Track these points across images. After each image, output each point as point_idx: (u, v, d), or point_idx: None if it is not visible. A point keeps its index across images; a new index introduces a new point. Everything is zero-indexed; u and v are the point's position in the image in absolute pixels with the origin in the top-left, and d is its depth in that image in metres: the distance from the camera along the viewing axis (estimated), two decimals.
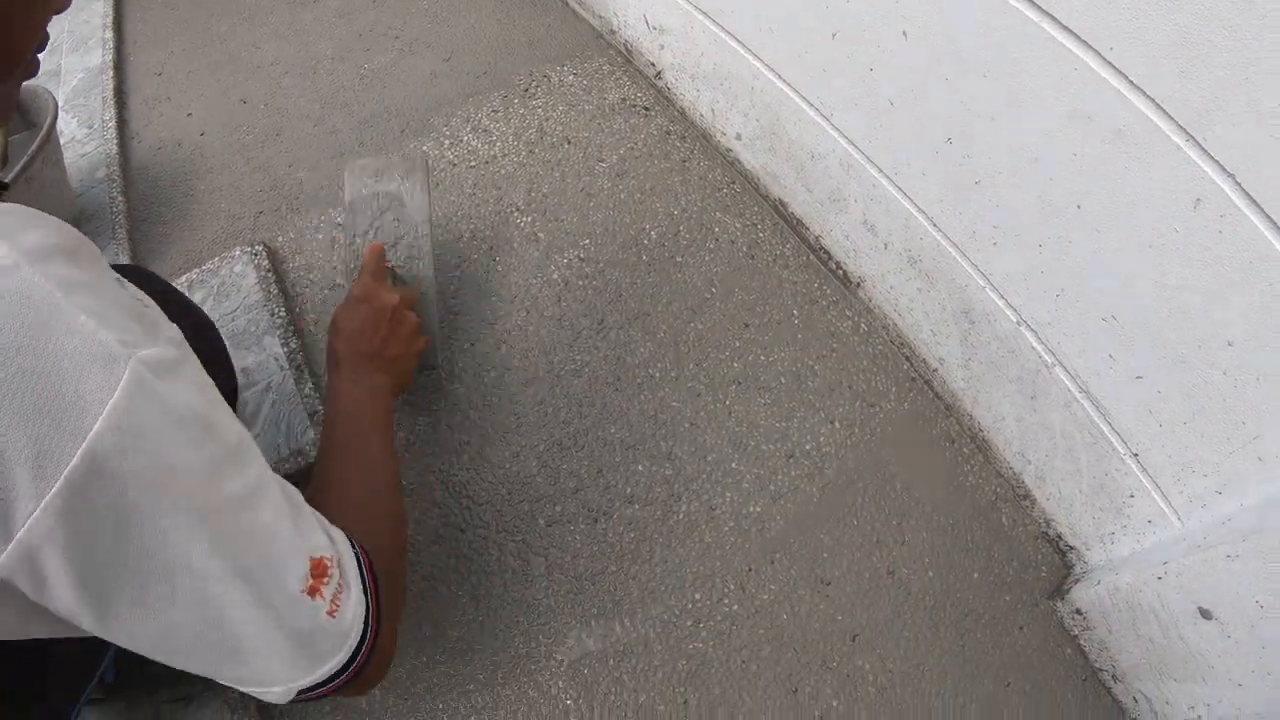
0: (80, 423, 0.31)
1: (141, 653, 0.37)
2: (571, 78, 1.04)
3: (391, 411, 0.67)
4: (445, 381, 0.83)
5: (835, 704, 0.76)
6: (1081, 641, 0.83)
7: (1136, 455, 0.72)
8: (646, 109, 0.98)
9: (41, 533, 0.31)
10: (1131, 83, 0.57)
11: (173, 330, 0.40)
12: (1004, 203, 0.71)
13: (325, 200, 0.94)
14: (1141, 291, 0.63)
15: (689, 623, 0.76)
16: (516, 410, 0.85)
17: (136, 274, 0.64)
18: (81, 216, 0.91)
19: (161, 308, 0.53)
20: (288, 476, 0.78)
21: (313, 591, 0.41)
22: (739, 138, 0.94)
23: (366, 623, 0.45)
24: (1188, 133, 0.55)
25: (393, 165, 0.83)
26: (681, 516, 0.80)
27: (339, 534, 0.46)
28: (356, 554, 0.46)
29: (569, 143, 0.95)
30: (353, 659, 0.44)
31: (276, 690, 0.42)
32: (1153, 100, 0.56)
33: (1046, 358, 0.75)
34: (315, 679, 0.42)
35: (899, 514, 0.82)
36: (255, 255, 0.88)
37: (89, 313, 0.33)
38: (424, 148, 0.96)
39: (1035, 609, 0.82)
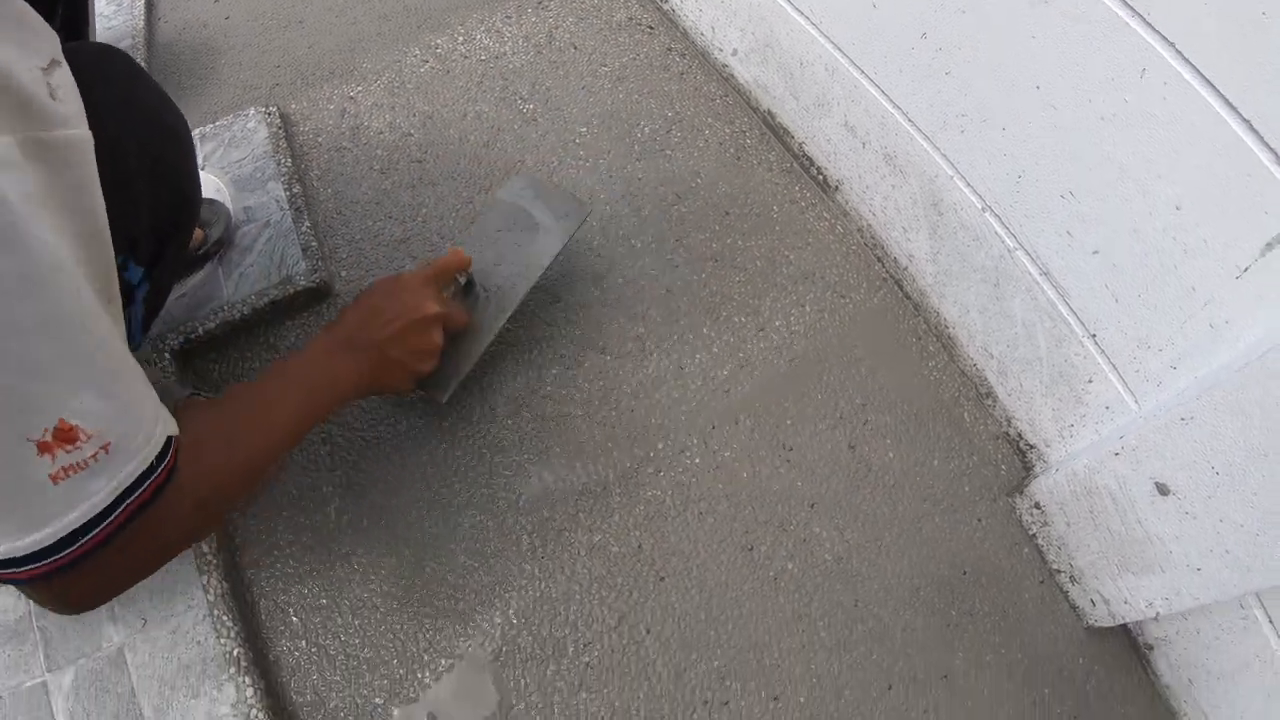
0: None
1: None
2: None
3: (340, 401, 0.63)
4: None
5: (790, 566, 0.76)
6: (1039, 540, 0.84)
7: (1094, 336, 0.75)
8: (651, 28, 1.05)
9: None
10: None
11: (65, 132, 0.38)
12: (971, 90, 0.76)
13: (339, 77, 0.99)
14: (1095, 164, 0.67)
15: (649, 470, 0.77)
16: None
17: (107, 55, 0.58)
18: None
19: (124, 97, 0.53)
20: (274, 303, 0.81)
21: (44, 449, 0.37)
22: (735, 53, 1.00)
23: (95, 525, 0.40)
24: (1133, 8, 0.60)
25: (556, 198, 0.79)
26: (651, 371, 0.82)
27: (150, 433, 0.42)
28: (154, 467, 0.42)
29: (575, 49, 1.02)
30: (58, 548, 0.39)
31: None
32: None
33: (1009, 242, 0.79)
34: (9, 550, 0.38)
35: (863, 395, 0.84)
36: (269, 115, 0.93)
37: None
38: (438, 41, 1.02)
39: (994, 504, 0.83)
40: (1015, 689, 0.77)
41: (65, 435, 0.37)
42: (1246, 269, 0.59)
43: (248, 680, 0.69)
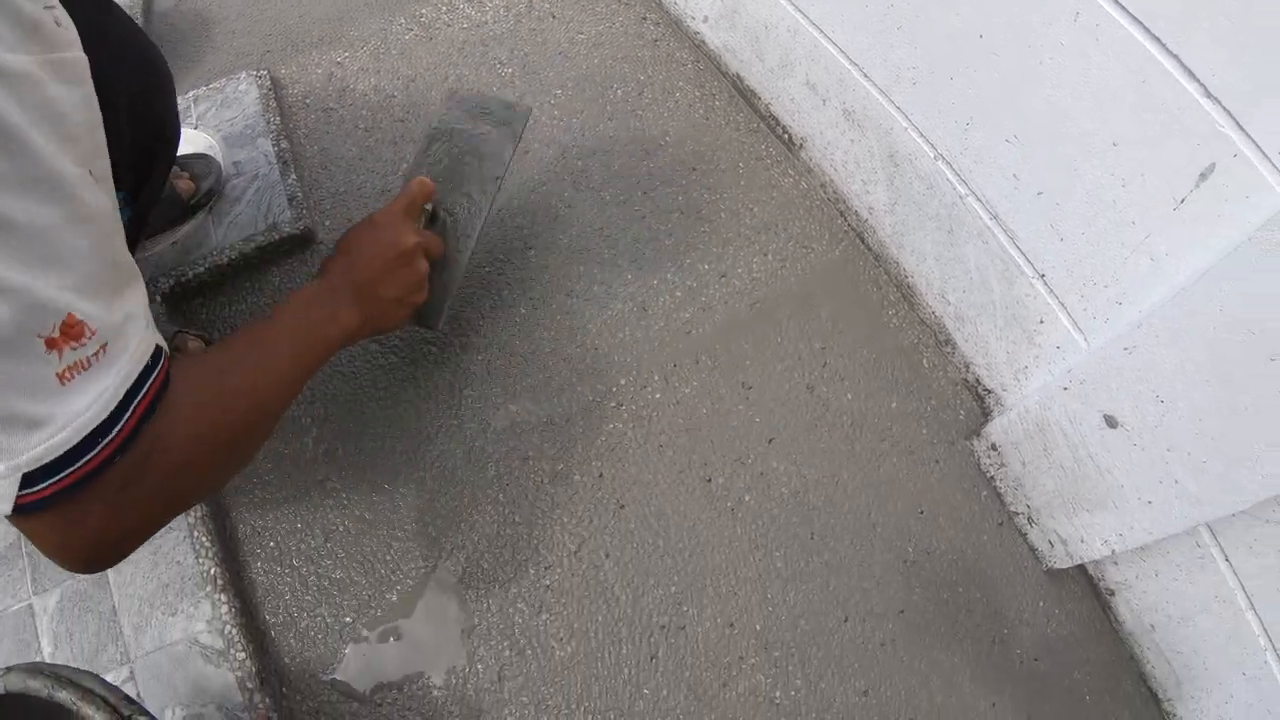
0: None
1: None
2: None
3: (334, 347, 0.62)
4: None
5: (748, 498, 0.79)
6: (997, 482, 0.86)
7: (1043, 276, 0.77)
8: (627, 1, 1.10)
9: None
10: None
11: (71, 54, 0.41)
12: (920, 43, 0.79)
13: (327, 44, 1.05)
14: (1036, 108, 0.70)
15: (612, 404, 0.80)
16: None
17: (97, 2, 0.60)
18: None
19: (110, 37, 0.56)
20: (261, 248, 0.86)
21: (51, 345, 0.37)
22: (706, 20, 1.04)
23: (108, 430, 0.40)
24: None
25: (492, 108, 0.78)
26: (615, 312, 0.85)
27: (143, 335, 0.43)
28: (150, 368, 0.43)
29: (553, 17, 1.07)
30: (74, 456, 0.39)
31: None
32: None
33: (960, 189, 0.82)
34: (29, 456, 0.38)
35: (822, 340, 0.87)
36: (259, 78, 0.98)
37: None
38: (422, 11, 1.07)
39: (952, 447, 0.86)
40: (974, 628, 0.79)
41: (72, 331, 0.38)
42: (1183, 200, 0.62)
43: (223, 598, 0.72)
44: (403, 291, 0.67)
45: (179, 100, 0.97)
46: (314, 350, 0.60)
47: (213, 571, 0.74)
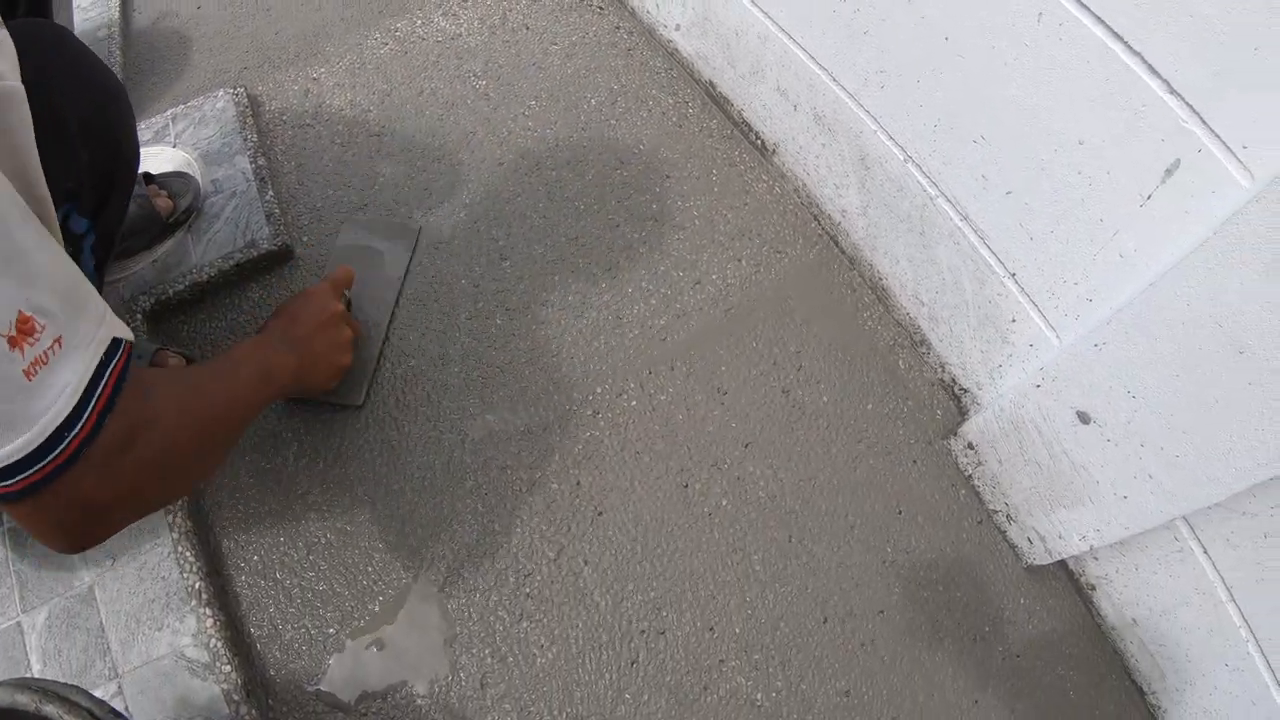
0: None
1: None
2: None
3: (276, 384, 0.66)
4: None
5: (724, 503, 0.80)
6: (975, 481, 0.86)
7: (1014, 275, 0.78)
8: (600, 8, 1.11)
9: None
10: None
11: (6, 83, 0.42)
12: (887, 47, 0.80)
13: (304, 60, 1.05)
14: (1002, 108, 0.71)
15: (588, 412, 0.81)
16: (451, 224, 0.93)
17: (54, 31, 0.63)
18: None
19: (66, 65, 0.58)
20: (239, 265, 0.87)
21: (13, 343, 0.39)
22: (678, 28, 1.05)
23: (72, 424, 0.42)
24: None
25: (387, 229, 0.91)
26: (590, 320, 0.86)
27: (99, 322, 0.44)
28: (109, 359, 0.44)
29: (527, 29, 1.07)
30: (50, 447, 0.41)
31: None
32: None
33: (930, 190, 0.82)
34: (6, 454, 0.39)
35: (797, 343, 0.88)
36: (236, 95, 0.99)
37: None
38: (398, 25, 1.08)
39: (929, 447, 0.86)
40: (955, 626, 0.80)
41: (25, 327, 0.39)
42: (1150, 196, 0.62)
43: (208, 612, 0.73)
44: (331, 348, 0.75)
45: (157, 119, 0.99)
46: (263, 381, 0.65)
47: (197, 586, 0.74)
